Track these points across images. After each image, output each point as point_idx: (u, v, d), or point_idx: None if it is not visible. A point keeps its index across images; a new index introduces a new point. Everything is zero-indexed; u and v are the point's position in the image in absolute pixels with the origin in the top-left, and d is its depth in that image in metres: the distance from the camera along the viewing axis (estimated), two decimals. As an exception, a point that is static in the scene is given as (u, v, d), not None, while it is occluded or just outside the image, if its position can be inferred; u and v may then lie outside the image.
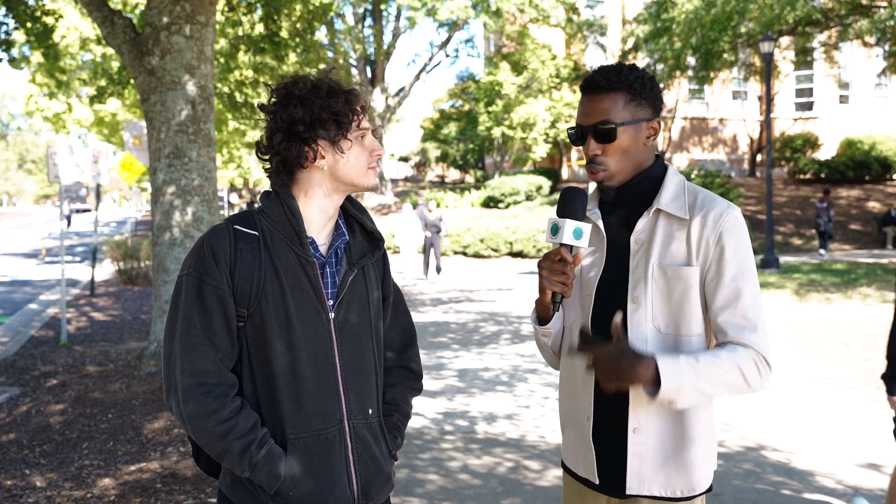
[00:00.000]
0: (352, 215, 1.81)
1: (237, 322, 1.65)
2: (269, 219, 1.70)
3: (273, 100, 1.70)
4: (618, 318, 1.69)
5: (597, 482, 1.82)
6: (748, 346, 1.68)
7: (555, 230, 1.71)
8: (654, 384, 1.63)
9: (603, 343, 1.67)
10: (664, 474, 1.74)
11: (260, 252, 1.67)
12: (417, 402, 5.99)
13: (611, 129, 1.75)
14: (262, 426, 1.65)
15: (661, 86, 28.40)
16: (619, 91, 1.76)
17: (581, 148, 1.83)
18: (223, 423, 1.60)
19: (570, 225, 1.69)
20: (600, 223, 1.85)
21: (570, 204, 1.72)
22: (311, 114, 1.65)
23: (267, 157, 1.71)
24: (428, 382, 6.74)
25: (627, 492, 1.76)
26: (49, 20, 9.46)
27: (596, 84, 1.78)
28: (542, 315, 1.85)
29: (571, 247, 1.71)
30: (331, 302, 1.71)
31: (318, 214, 1.73)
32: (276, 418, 1.65)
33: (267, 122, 1.70)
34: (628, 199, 1.83)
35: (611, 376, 1.64)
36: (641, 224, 1.78)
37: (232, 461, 1.61)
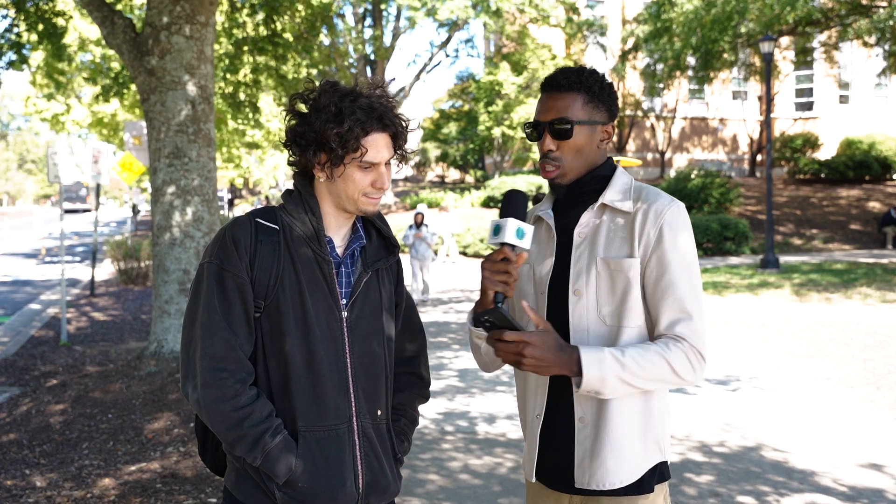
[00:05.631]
0: (369, 220, 1.83)
1: (254, 312, 1.68)
2: (289, 215, 1.73)
3: (294, 105, 1.73)
4: (525, 304, 1.71)
5: (533, 480, 1.86)
6: (681, 338, 1.71)
7: (497, 230, 1.71)
8: (577, 374, 1.67)
9: (515, 327, 1.67)
10: (606, 464, 1.75)
11: (279, 246, 1.70)
12: (417, 402, 5.99)
13: (567, 127, 1.79)
14: (277, 416, 1.67)
15: (661, 86, 28.53)
16: (579, 91, 1.80)
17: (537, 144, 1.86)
18: (240, 409, 1.62)
19: (512, 224, 1.70)
20: (552, 223, 1.88)
21: (512, 205, 1.74)
22: (314, 132, 1.67)
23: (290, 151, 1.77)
24: (428, 382, 6.75)
25: (576, 485, 1.78)
26: (59, 21, 9.46)
27: (557, 83, 1.82)
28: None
29: (514, 247, 1.71)
30: (344, 301, 1.74)
31: (332, 219, 1.77)
32: (287, 410, 1.68)
33: (287, 124, 1.74)
34: (578, 198, 1.86)
35: (534, 364, 1.66)
36: (586, 218, 1.82)
37: (245, 449, 1.63)
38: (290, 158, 1.77)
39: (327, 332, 1.70)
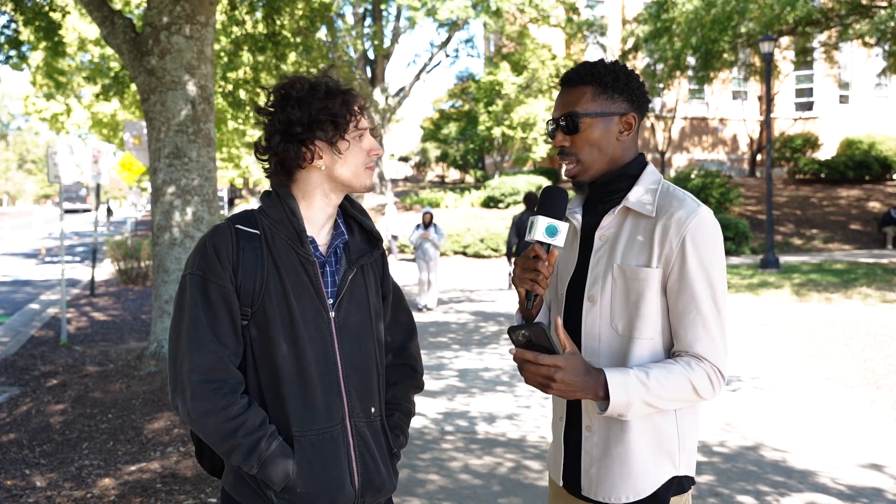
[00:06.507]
0: (350, 215, 1.82)
1: (241, 321, 1.66)
2: (269, 218, 1.71)
3: (271, 101, 1.71)
4: (559, 322, 1.63)
5: (560, 484, 1.81)
6: (703, 358, 1.64)
7: (530, 227, 1.69)
8: (604, 398, 1.61)
9: (550, 349, 1.60)
10: (612, 477, 1.70)
11: (262, 251, 1.68)
12: (418, 402, 5.97)
13: (575, 121, 1.73)
14: (270, 423, 1.66)
15: (661, 86, 28.48)
16: (589, 84, 1.75)
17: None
18: (232, 420, 1.60)
19: (542, 221, 1.67)
20: (578, 224, 1.83)
21: (547, 202, 1.70)
22: (309, 115, 1.65)
23: (265, 157, 1.72)
24: (428, 382, 6.74)
25: (582, 493, 1.75)
26: (56, 16, 9.47)
27: (567, 78, 1.79)
28: (525, 316, 1.81)
29: (549, 245, 1.68)
30: (331, 301, 1.72)
31: (317, 214, 1.74)
32: (281, 416, 1.66)
33: (265, 123, 1.71)
34: (603, 197, 1.80)
35: (562, 389, 1.60)
36: (607, 220, 1.75)
37: (240, 458, 1.61)
38: (267, 165, 1.72)
39: (316, 335, 1.68)
